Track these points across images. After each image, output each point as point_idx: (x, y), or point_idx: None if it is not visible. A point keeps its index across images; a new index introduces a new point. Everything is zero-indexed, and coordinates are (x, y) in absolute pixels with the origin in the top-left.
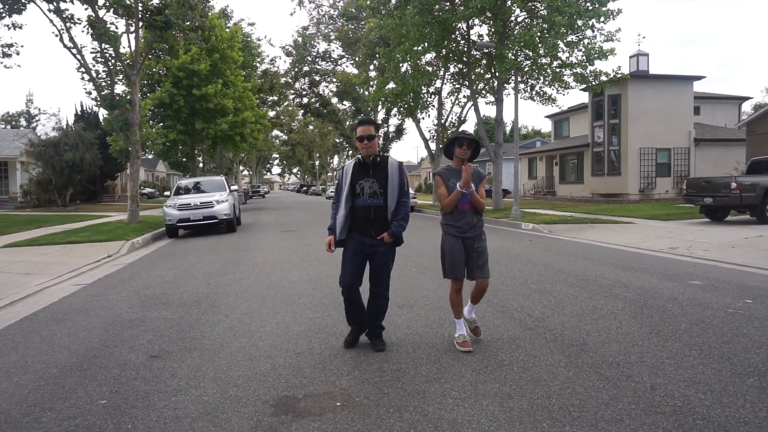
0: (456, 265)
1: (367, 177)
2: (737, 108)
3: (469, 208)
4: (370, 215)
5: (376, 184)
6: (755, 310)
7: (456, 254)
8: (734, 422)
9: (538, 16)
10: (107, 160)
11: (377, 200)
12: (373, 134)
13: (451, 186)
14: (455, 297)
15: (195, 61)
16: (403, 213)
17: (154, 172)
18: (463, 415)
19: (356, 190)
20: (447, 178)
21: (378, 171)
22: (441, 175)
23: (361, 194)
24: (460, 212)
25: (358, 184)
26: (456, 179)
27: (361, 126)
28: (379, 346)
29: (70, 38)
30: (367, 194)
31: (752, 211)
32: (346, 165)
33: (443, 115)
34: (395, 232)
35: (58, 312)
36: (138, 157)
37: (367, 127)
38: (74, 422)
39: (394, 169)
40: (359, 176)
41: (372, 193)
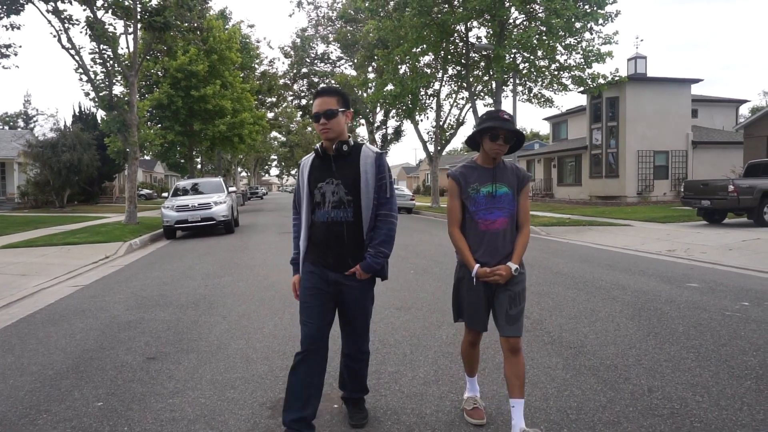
0: (474, 313)
1: (330, 177)
2: (735, 111)
3: (501, 229)
4: (334, 237)
5: (341, 187)
6: (752, 312)
7: (474, 297)
8: (732, 425)
9: (536, 19)
10: (105, 161)
11: (344, 213)
12: (336, 109)
13: (473, 194)
14: (469, 351)
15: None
16: (384, 233)
17: (152, 173)
18: (461, 417)
19: (315, 198)
20: (465, 182)
21: (345, 168)
22: (456, 179)
23: (322, 204)
24: (481, 234)
25: (317, 189)
26: (480, 183)
27: (317, 98)
28: (357, 418)
29: (68, 39)
30: (329, 204)
31: (749, 213)
32: (303, 160)
33: (441, 117)
34: (371, 264)
35: (54, 313)
36: (136, 158)
37: (326, 98)
38: (70, 424)
39: (370, 164)
40: (318, 176)
41: (337, 202)
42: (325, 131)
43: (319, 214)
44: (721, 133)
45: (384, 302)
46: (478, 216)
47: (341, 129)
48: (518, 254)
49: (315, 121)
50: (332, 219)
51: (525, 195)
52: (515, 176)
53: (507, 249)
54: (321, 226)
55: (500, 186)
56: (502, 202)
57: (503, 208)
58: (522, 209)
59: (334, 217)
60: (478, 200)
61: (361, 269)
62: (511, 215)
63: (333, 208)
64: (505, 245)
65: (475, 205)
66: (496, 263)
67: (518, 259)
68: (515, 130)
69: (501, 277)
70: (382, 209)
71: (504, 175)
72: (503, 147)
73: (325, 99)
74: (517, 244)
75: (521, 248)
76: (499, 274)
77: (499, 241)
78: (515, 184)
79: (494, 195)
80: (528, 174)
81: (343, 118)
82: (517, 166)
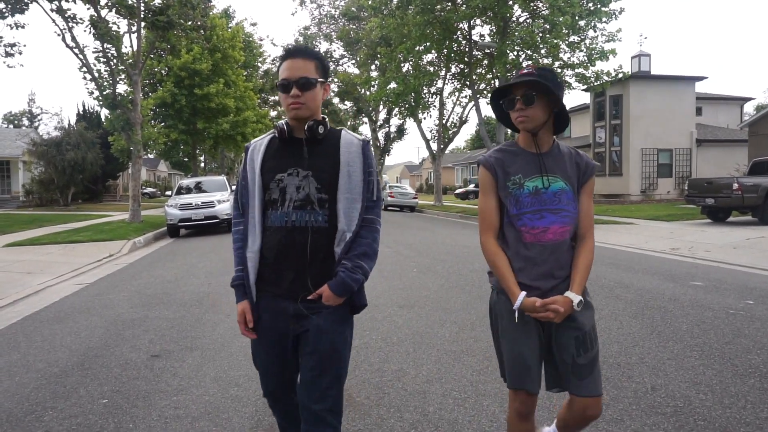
0: (519, 364)
1: (295, 167)
2: (739, 109)
3: (556, 240)
4: (293, 249)
5: (312, 181)
6: (756, 311)
7: (518, 340)
8: (735, 423)
9: (539, 17)
10: (109, 160)
11: (312, 216)
12: (313, 79)
13: (514, 190)
14: (518, 426)
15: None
16: (368, 243)
17: (156, 171)
18: (464, 415)
19: (270, 194)
20: (503, 172)
21: (320, 156)
22: (490, 166)
23: (279, 203)
24: (527, 248)
25: (275, 182)
26: (524, 174)
27: (288, 59)
28: None
29: (72, 38)
30: (290, 203)
31: (754, 212)
32: (253, 143)
33: (444, 115)
34: (345, 281)
35: (59, 311)
36: (140, 156)
37: (300, 62)
38: (75, 421)
39: (355, 154)
40: (277, 164)
41: (302, 200)
42: (296, 107)
43: (274, 217)
44: (726, 131)
45: (387, 300)
46: (521, 222)
47: (317, 105)
48: (580, 280)
49: (282, 90)
50: (293, 224)
51: (588, 193)
52: (575, 166)
53: (564, 270)
54: (275, 234)
55: (554, 179)
56: (557, 203)
57: (559, 210)
58: (584, 213)
59: (296, 221)
60: (522, 199)
61: (331, 289)
62: (571, 221)
63: (296, 208)
64: (561, 265)
65: (518, 206)
66: (548, 291)
67: (580, 287)
68: (534, 81)
69: (557, 315)
70: (368, 213)
71: (558, 164)
72: (528, 112)
73: (299, 62)
74: (576, 264)
75: (584, 271)
76: (555, 309)
77: (553, 259)
78: (575, 178)
79: (545, 192)
80: (594, 163)
81: (321, 91)
82: (578, 152)
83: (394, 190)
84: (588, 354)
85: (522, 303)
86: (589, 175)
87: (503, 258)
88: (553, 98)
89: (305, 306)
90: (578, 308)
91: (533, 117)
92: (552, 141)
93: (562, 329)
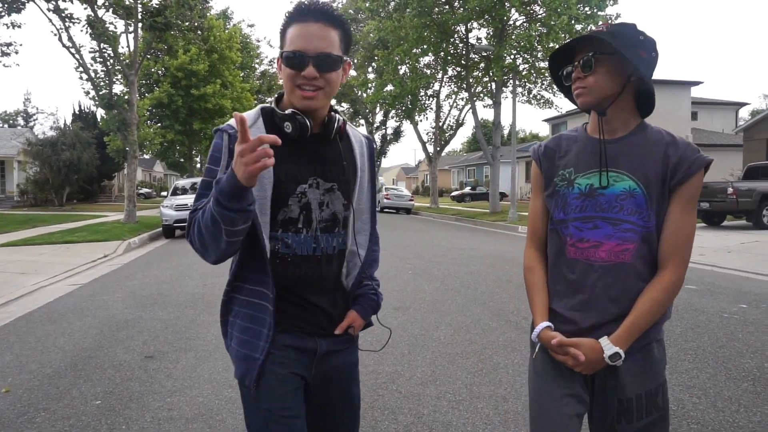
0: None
1: (314, 176)
2: (735, 114)
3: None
4: (326, 283)
5: (338, 194)
6: (750, 315)
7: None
8: (728, 427)
9: (536, 20)
10: (104, 160)
11: (338, 239)
12: (335, 55)
13: (561, 188)
14: None
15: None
16: (377, 256)
17: (152, 172)
18: (458, 417)
19: (287, 213)
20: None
21: (334, 161)
22: (536, 159)
23: (303, 223)
24: (570, 265)
25: (295, 196)
26: (578, 167)
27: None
28: None
29: (68, 38)
30: (317, 224)
31: (748, 216)
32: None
33: (441, 118)
34: (377, 303)
35: (53, 312)
36: (135, 157)
37: (319, 26)
38: (68, 422)
39: (365, 155)
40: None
41: (330, 220)
42: (311, 94)
43: (295, 242)
44: (721, 136)
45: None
46: (566, 230)
47: (334, 93)
48: (630, 326)
49: (291, 66)
50: (324, 251)
51: (684, 201)
52: (662, 158)
53: (619, 306)
54: (298, 265)
55: (618, 175)
56: (618, 210)
57: (619, 221)
58: (670, 231)
59: (326, 248)
60: (570, 200)
61: (362, 316)
62: (638, 238)
63: (324, 231)
64: (614, 297)
65: (564, 209)
66: (588, 330)
67: (627, 335)
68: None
69: (576, 362)
70: (375, 226)
71: (630, 155)
72: (587, 82)
73: (319, 29)
74: (640, 302)
75: (642, 315)
76: (574, 354)
77: (603, 287)
78: (658, 176)
79: (602, 193)
80: (699, 156)
81: (343, 72)
82: (674, 139)
83: (390, 192)
84: (634, 425)
85: (538, 334)
86: (685, 175)
87: (537, 275)
88: (625, 62)
89: (335, 342)
90: (612, 362)
91: (593, 87)
92: (633, 124)
93: (603, 386)
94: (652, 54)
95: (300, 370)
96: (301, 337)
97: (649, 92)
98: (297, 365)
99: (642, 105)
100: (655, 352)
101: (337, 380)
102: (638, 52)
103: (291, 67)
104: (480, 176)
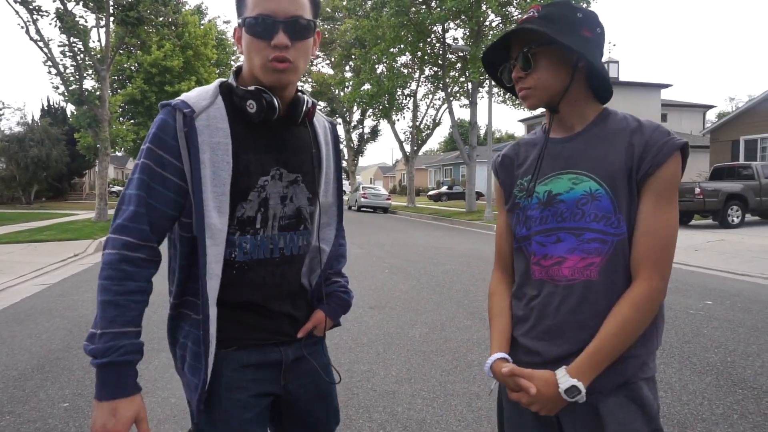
0: None
1: (277, 167)
2: (702, 116)
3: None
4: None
5: (302, 187)
6: (715, 311)
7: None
8: (692, 419)
9: (512, 21)
10: (75, 157)
11: (303, 238)
12: (309, 20)
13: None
14: None
15: (168, 58)
16: (344, 250)
17: (124, 170)
18: (432, 415)
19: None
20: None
21: (300, 148)
22: (494, 170)
23: (260, 222)
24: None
25: (255, 190)
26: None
27: None
28: None
29: (36, 31)
30: (277, 221)
31: (714, 215)
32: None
33: (418, 117)
34: (347, 302)
35: (19, 312)
36: (107, 154)
37: None
38: (34, 425)
39: (329, 142)
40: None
41: (293, 216)
42: (282, 66)
43: (250, 245)
44: (689, 138)
45: (358, 301)
46: (530, 248)
47: (305, 65)
48: (593, 352)
49: (257, 35)
50: (283, 252)
51: (655, 195)
52: (623, 150)
53: (591, 331)
54: (255, 270)
55: (576, 176)
56: (579, 217)
57: (581, 231)
58: (642, 231)
59: (287, 249)
60: (529, 212)
61: (330, 316)
62: (605, 249)
63: (282, 229)
64: (583, 319)
65: (524, 224)
66: (555, 360)
67: (592, 362)
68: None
69: (528, 397)
70: (341, 221)
71: (590, 150)
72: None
73: None
74: (606, 322)
75: (607, 338)
76: (525, 386)
77: (568, 311)
78: (623, 169)
79: (560, 199)
80: (668, 139)
81: (312, 44)
82: (641, 126)
83: (367, 191)
84: None
85: (491, 365)
86: (653, 164)
87: (497, 300)
88: (568, 49)
89: (302, 346)
90: (570, 398)
91: (537, 86)
92: (592, 115)
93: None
94: (596, 30)
95: (264, 388)
96: (263, 351)
97: (600, 74)
98: (259, 384)
99: (599, 90)
100: (643, 392)
101: (312, 387)
102: (580, 33)
103: (256, 35)
104: (457, 176)
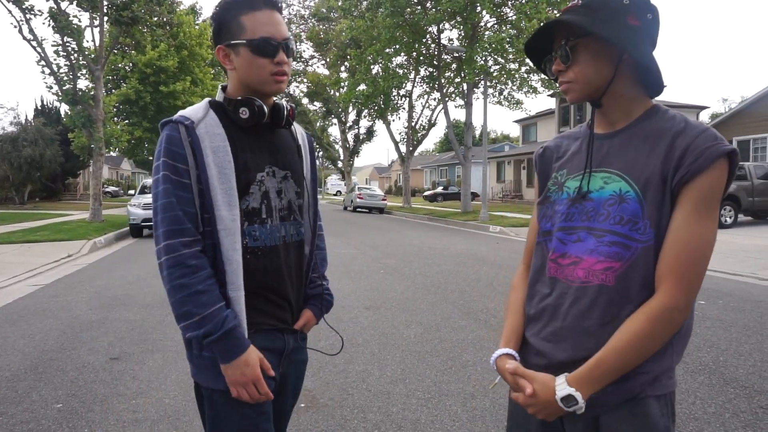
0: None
1: (270, 164)
2: (695, 117)
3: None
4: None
5: (291, 182)
6: (707, 310)
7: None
8: (685, 418)
9: (507, 22)
10: (69, 157)
11: (295, 228)
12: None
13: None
14: None
15: (162, 58)
16: (325, 252)
17: (119, 170)
18: (427, 415)
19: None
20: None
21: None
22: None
23: (265, 213)
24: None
25: (255, 184)
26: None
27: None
28: None
29: (29, 30)
30: (276, 212)
31: None
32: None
33: (413, 118)
34: (331, 303)
35: (12, 313)
36: (101, 154)
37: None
38: (27, 426)
39: (307, 146)
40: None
41: (286, 208)
42: (283, 78)
43: (262, 232)
44: None
45: (353, 301)
46: (551, 244)
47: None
48: (598, 363)
49: (264, 54)
50: (287, 239)
51: (689, 205)
52: (663, 152)
53: (598, 339)
54: (268, 257)
55: (608, 175)
56: (603, 218)
57: (603, 231)
58: (671, 242)
59: (288, 236)
60: (557, 207)
61: (317, 316)
62: (626, 254)
63: (283, 219)
64: (589, 326)
65: (550, 219)
66: (559, 364)
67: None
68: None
69: (525, 398)
70: (318, 219)
71: (625, 150)
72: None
73: (277, 14)
74: (616, 333)
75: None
76: (522, 386)
77: (577, 314)
78: (657, 173)
79: (589, 198)
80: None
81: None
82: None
83: (363, 191)
84: None
85: (494, 360)
86: (690, 170)
87: (515, 295)
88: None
89: (299, 338)
90: (567, 408)
91: (577, 80)
92: (638, 112)
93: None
94: (647, 17)
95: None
96: (272, 337)
97: (648, 67)
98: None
99: (648, 84)
100: (649, 409)
101: (293, 378)
102: (625, 21)
103: (263, 54)
104: (452, 176)
